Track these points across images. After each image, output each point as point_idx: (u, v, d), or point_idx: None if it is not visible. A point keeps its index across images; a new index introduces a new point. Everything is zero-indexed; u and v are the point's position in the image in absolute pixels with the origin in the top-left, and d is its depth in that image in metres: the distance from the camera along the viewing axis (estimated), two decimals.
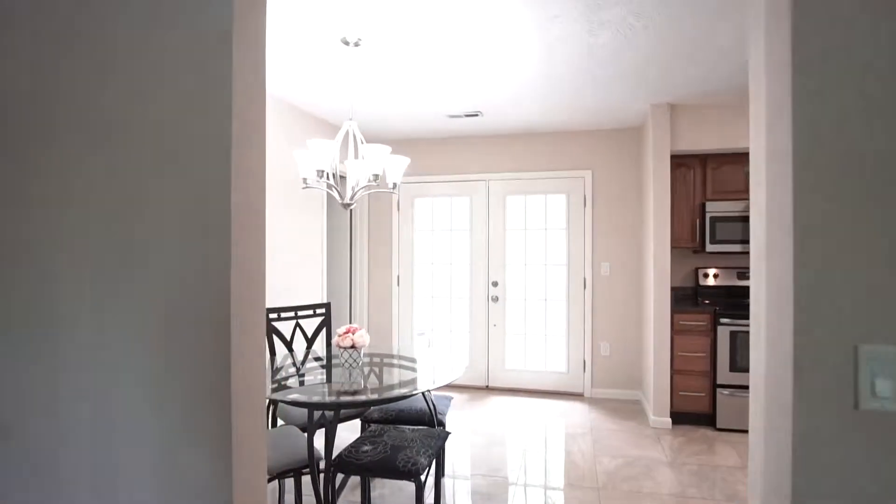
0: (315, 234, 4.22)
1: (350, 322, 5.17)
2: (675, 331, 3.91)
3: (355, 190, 2.56)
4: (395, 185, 2.62)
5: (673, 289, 4.30)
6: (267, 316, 3.21)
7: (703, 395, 3.86)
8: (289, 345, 3.19)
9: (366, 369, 2.67)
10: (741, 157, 4.04)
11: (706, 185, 4.12)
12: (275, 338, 3.17)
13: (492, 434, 3.76)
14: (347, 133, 2.55)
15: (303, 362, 3.00)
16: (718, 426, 3.80)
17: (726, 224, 4.01)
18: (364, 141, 2.51)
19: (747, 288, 4.30)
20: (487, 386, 4.96)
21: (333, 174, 2.60)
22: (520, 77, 3.29)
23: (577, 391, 4.76)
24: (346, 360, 2.58)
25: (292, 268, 3.92)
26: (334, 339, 2.58)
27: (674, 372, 3.91)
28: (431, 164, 5.08)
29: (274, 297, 3.67)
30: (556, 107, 3.95)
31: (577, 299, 4.76)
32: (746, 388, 3.87)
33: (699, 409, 3.88)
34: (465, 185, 5.01)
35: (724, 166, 4.08)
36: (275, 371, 2.74)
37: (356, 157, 2.58)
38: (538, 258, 4.87)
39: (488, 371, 4.96)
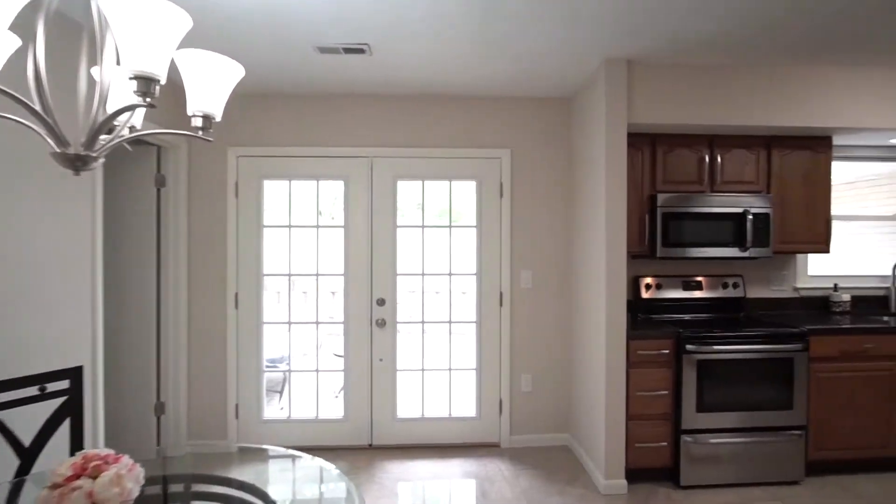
0: (78, 237, 2.42)
1: (158, 373, 3.36)
2: (631, 363, 2.95)
3: (96, 125, 1.01)
4: (207, 119, 1.12)
5: None
6: None
7: (664, 444, 2.95)
8: None
9: None
10: (696, 140, 3.23)
11: (655, 173, 3.24)
12: None
13: None
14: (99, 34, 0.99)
15: None
16: (683, 483, 2.92)
17: (679, 223, 3.17)
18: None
19: (694, 301, 3.46)
20: (371, 444, 3.56)
21: (42, 97, 1.02)
22: None
23: (491, 440, 3.61)
24: None
25: (20, 303, 2.10)
26: (40, 495, 1.01)
27: (629, 418, 2.95)
28: (290, 130, 3.51)
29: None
30: (487, 45, 2.71)
31: (492, 320, 3.60)
32: (716, 431, 2.85)
33: (658, 462, 2.96)
34: (339, 164, 3.53)
35: (677, 149, 3.23)
36: None
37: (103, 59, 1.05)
38: (440, 266, 3.61)
39: (372, 424, 3.56)
